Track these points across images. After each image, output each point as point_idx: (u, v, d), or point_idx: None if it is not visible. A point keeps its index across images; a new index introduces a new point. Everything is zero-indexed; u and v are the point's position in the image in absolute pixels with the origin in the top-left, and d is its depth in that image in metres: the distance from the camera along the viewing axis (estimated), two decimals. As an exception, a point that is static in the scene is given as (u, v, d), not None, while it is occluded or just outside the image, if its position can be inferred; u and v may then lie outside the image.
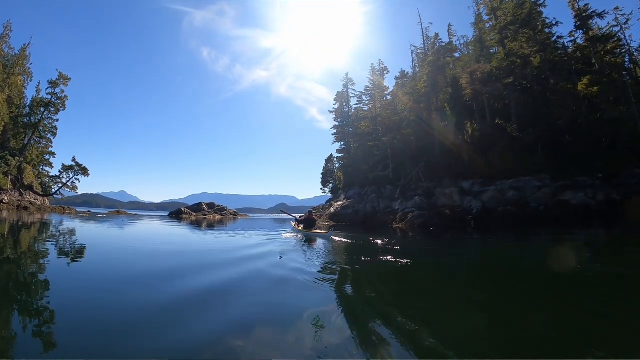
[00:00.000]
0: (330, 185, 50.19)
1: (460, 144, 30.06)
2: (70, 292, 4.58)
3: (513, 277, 6.39)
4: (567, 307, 4.37)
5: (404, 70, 43.21)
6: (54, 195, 51.58)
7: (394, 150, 31.08)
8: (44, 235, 13.15)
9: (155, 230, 18.92)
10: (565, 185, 24.45)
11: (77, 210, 50.99)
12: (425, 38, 43.46)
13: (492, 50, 37.19)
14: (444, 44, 36.03)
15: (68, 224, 20.14)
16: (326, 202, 42.24)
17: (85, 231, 15.89)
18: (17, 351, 2.66)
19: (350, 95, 43.71)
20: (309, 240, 11.40)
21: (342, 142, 44.94)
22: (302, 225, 13.92)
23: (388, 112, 36.35)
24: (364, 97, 39.38)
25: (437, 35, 36.61)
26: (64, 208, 45.56)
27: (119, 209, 59.03)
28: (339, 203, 30.79)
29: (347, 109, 43.37)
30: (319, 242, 11.20)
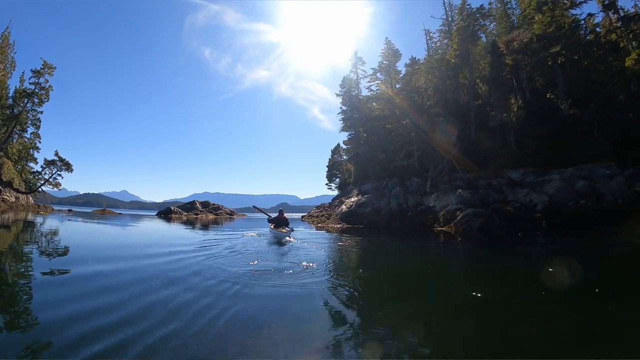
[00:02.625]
0: (337, 180, 44.22)
1: (504, 124, 24.24)
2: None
3: None
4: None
5: (414, 57, 37.42)
6: (38, 192, 47.68)
7: (418, 135, 25.28)
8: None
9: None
10: (635, 173, 19.72)
11: (55, 208, 47.71)
12: (447, 8, 37.70)
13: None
14: (474, 9, 30.13)
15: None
16: (334, 199, 36.10)
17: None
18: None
19: (361, 76, 37.90)
20: (277, 237, 11.88)
21: (351, 131, 39.22)
22: (273, 224, 13.65)
23: (407, 90, 30.57)
24: (378, 74, 33.26)
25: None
26: (38, 206, 41.34)
27: (105, 208, 54.42)
28: (352, 199, 24.72)
29: (356, 92, 37.39)
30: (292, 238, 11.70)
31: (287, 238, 11.61)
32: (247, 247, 9.18)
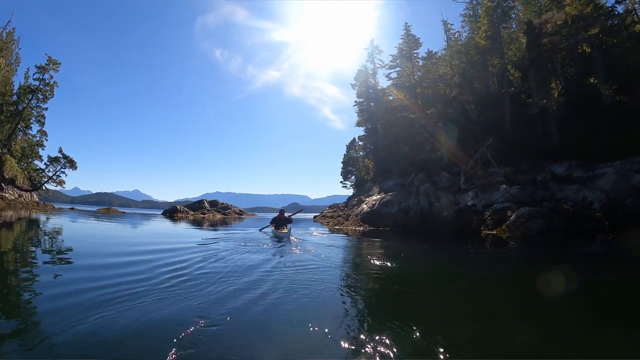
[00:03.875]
0: (353, 177, 41.37)
1: (545, 112, 21.42)
2: None
3: None
4: None
5: (431, 50, 34.43)
6: (42, 189, 45.94)
7: (446, 124, 22.52)
8: None
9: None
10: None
11: (57, 206, 45.48)
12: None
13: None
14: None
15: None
16: (351, 198, 33.10)
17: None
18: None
19: (378, 65, 35.25)
20: (277, 237, 11.44)
21: (367, 125, 36.57)
22: (274, 225, 13.06)
23: (430, 79, 27.87)
24: (398, 60, 30.44)
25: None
26: (38, 204, 39.75)
27: (110, 207, 52.80)
28: (374, 198, 21.72)
29: (373, 82, 34.68)
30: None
31: (288, 238, 11.36)
32: (215, 267, 5.79)
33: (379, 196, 20.82)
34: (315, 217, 38.17)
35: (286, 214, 13.65)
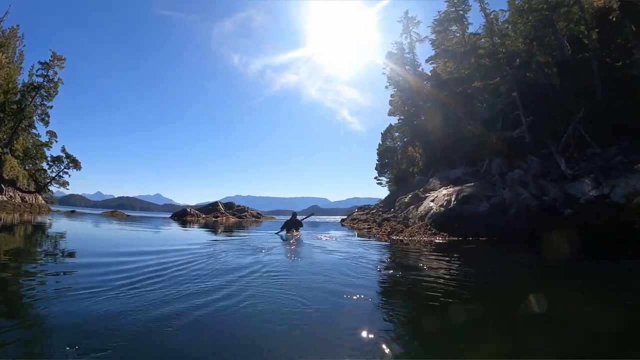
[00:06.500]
0: (387, 172, 35.67)
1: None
2: None
3: None
4: None
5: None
6: (47, 190, 44.16)
7: (523, 95, 16.97)
8: None
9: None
10: None
11: (52, 209, 42.80)
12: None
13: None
14: None
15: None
16: (397, 196, 25.60)
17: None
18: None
19: (415, 39, 29.92)
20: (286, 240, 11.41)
21: (400, 115, 31.39)
22: (285, 228, 12.89)
23: (486, 47, 22.46)
24: (445, 24, 24.63)
25: None
26: (31, 205, 36.94)
27: (116, 210, 49.42)
28: (443, 192, 15.31)
29: (411, 57, 29.26)
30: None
31: (292, 240, 11.08)
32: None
33: (451, 189, 14.86)
34: (343, 220, 33.04)
35: (298, 217, 13.75)
